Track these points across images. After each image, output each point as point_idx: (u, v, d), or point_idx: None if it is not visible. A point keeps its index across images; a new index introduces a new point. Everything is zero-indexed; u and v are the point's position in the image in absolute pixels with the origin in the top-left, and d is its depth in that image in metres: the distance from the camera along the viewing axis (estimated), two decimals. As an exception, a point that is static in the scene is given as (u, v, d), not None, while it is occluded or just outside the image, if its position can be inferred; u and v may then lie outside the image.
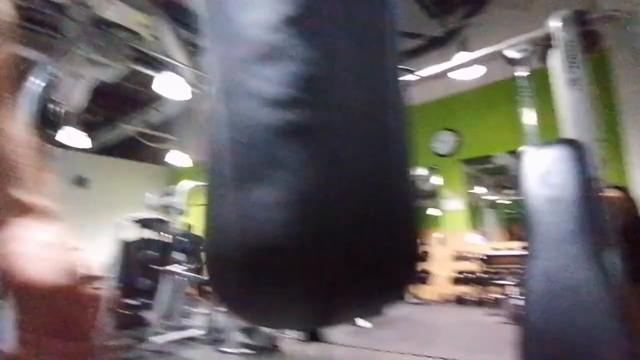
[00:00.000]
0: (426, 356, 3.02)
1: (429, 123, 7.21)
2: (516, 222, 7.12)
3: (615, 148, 4.77)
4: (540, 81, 2.26)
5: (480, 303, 5.60)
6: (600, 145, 2.08)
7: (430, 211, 7.92)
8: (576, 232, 1.28)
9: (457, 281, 6.11)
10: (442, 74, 3.56)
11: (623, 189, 2.47)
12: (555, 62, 2.21)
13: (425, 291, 6.56)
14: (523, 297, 1.25)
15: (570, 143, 1.35)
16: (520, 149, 1.49)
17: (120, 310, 3.86)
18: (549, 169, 1.37)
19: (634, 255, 2.02)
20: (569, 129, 2.12)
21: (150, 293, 3.95)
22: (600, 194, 1.92)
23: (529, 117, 3.37)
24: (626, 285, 1.89)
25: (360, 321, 4.35)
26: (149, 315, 3.68)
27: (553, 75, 2.20)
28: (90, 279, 0.27)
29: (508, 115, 5.35)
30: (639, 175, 4.62)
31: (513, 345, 1.38)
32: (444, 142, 7.00)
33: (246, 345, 3.34)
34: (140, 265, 4.26)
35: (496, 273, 5.70)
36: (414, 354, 3.09)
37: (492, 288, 5.64)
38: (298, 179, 0.45)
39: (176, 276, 3.90)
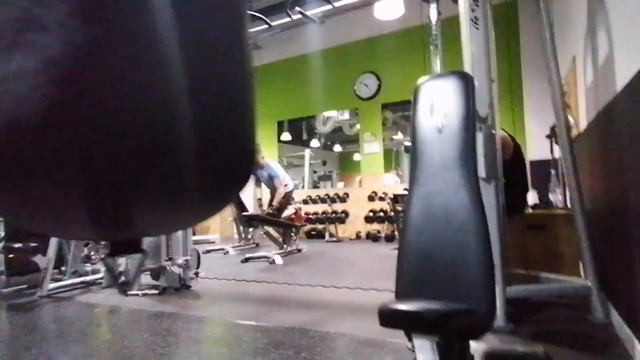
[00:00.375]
0: (334, 287, 3.21)
1: (351, 65, 7.16)
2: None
3: (515, 92, 5.23)
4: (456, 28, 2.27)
5: (389, 239, 6.09)
6: (493, 83, 2.20)
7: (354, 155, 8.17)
8: (456, 160, 1.32)
9: (371, 219, 6.51)
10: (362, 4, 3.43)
11: (507, 132, 2.71)
12: (461, 1, 2.23)
13: (341, 230, 6.93)
14: (403, 222, 1.29)
15: (459, 75, 1.36)
16: (416, 81, 1.47)
17: (11, 256, 3.47)
18: (436, 99, 1.38)
19: (511, 192, 2.27)
20: (466, 65, 2.19)
21: (43, 237, 3.59)
22: (483, 128, 2.05)
23: (438, 61, 3.49)
24: (502, 216, 2.12)
25: (274, 258, 4.47)
26: (42, 261, 3.35)
27: (460, 15, 2.23)
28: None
29: (426, 61, 5.50)
30: (532, 120, 5.16)
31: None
32: (366, 85, 7.05)
33: (151, 286, 3.23)
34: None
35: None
36: (322, 286, 3.26)
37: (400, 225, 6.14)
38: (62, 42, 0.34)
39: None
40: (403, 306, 0.97)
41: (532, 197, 3.47)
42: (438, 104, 1.38)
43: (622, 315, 1.84)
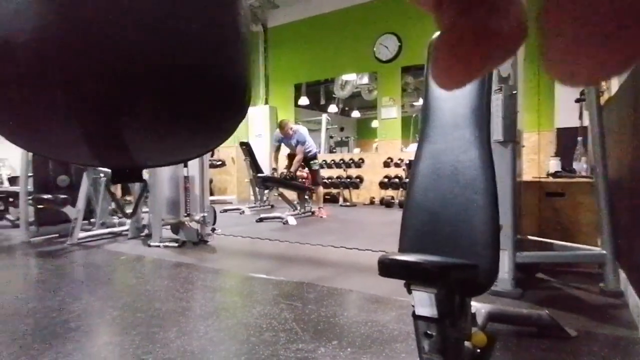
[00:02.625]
0: (344, 247, 3.27)
1: (371, 25, 6.88)
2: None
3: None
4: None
5: (402, 205, 6.07)
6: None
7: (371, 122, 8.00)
8: (468, 118, 1.28)
9: (385, 185, 6.49)
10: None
11: None
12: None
13: (355, 195, 6.96)
14: (410, 178, 1.28)
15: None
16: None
17: (41, 206, 3.67)
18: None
19: None
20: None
21: (71, 190, 3.77)
22: (504, 88, 1.96)
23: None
24: (514, 177, 2.07)
25: (288, 218, 4.55)
26: (72, 212, 3.53)
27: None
28: None
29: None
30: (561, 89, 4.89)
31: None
32: (386, 47, 6.79)
33: (172, 240, 3.37)
34: (59, 162, 3.97)
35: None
36: (333, 246, 3.33)
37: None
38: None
39: (97, 174, 3.69)
40: (403, 257, 0.97)
41: (554, 165, 3.37)
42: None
43: (632, 285, 1.81)
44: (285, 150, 5.32)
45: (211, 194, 3.90)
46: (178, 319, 1.75)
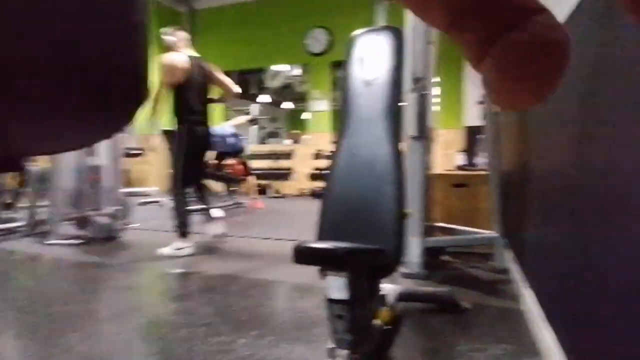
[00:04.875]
0: (272, 238, 3.29)
1: (303, 17, 6.90)
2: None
3: (456, 58, 5.41)
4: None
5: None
6: (432, 46, 2.26)
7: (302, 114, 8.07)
8: (381, 114, 1.37)
9: (315, 177, 6.63)
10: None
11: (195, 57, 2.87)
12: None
13: (285, 186, 7.00)
14: (329, 170, 1.33)
15: (390, 30, 1.38)
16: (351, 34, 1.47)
17: None
18: (367, 53, 1.39)
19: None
20: (407, 25, 2.22)
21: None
22: (418, 88, 2.13)
23: (383, 19, 3.49)
24: (425, 169, 2.26)
25: (213, 211, 4.43)
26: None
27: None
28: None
29: (377, 19, 5.44)
30: (472, 87, 5.42)
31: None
32: (317, 40, 6.87)
33: (75, 236, 3.08)
34: None
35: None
36: (260, 238, 3.33)
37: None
38: None
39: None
40: (315, 244, 1.03)
41: (460, 159, 3.73)
42: (369, 58, 1.40)
43: (516, 262, 2.11)
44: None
45: (128, 185, 3.63)
46: (82, 322, 1.63)
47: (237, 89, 3.05)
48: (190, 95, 2.72)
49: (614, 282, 0.83)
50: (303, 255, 1.00)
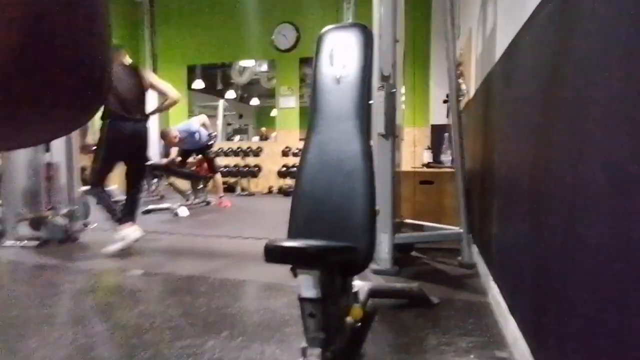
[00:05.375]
0: (240, 237, 3.23)
1: (271, 13, 6.81)
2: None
3: (421, 57, 5.54)
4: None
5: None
6: (398, 44, 2.29)
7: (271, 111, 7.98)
8: (351, 111, 1.36)
9: (284, 174, 6.58)
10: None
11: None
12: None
13: (253, 184, 6.90)
14: (299, 167, 1.32)
15: (359, 27, 1.38)
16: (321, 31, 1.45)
17: None
18: (336, 50, 1.39)
19: None
20: (374, 24, 2.24)
21: None
22: (385, 86, 2.15)
23: (350, 18, 3.50)
24: (394, 166, 2.29)
25: (179, 209, 4.30)
26: None
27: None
28: None
29: (343, 19, 5.45)
30: (436, 85, 5.55)
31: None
32: (284, 36, 6.80)
33: (31, 238, 2.89)
34: None
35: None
36: (229, 236, 3.26)
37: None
38: None
39: None
40: (286, 243, 1.01)
41: (427, 157, 3.82)
42: (338, 55, 1.39)
43: (482, 257, 2.19)
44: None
45: (86, 183, 3.43)
46: (40, 327, 1.52)
47: (175, 94, 2.99)
48: (111, 99, 2.65)
49: (571, 274, 0.87)
50: (274, 254, 0.98)
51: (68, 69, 0.42)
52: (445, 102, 3.60)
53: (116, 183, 6.85)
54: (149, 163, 4.68)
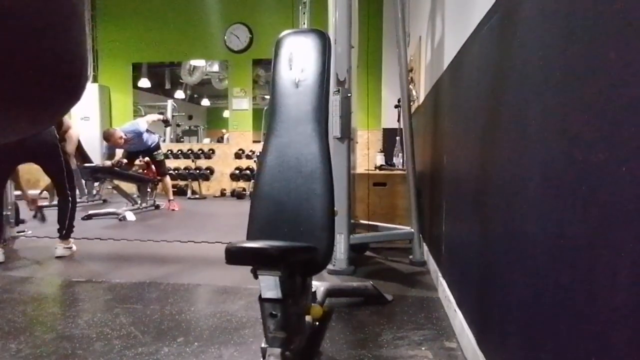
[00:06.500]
0: (192, 241, 3.13)
1: (223, 12, 6.68)
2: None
3: (373, 62, 5.72)
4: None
5: (255, 196, 6.16)
6: (353, 50, 2.36)
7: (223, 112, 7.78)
8: (309, 114, 1.39)
9: (237, 177, 6.46)
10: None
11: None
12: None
13: (205, 187, 6.70)
14: (257, 170, 1.31)
15: (317, 33, 1.41)
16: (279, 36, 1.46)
17: None
18: (295, 54, 1.41)
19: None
20: (330, 29, 2.29)
21: None
22: (341, 91, 2.21)
23: (306, 22, 3.54)
24: (349, 169, 2.35)
25: (125, 214, 4.07)
26: None
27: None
28: None
29: (296, 22, 5.48)
30: (388, 90, 5.76)
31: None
32: (237, 36, 6.70)
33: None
34: None
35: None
36: (180, 241, 3.14)
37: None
38: None
39: None
40: (248, 244, 1.01)
41: (380, 159, 3.95)
42: (297, 59, 1.41)
43: (431, 254, 2.32)
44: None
45: (17, 187, 3.14)
46: (-32, 346, 1.38)
47: (71, 147, 3.33)
48: None
49: (512, 270, 0.96)
50: (235, 256, 0.98)
51: (44, 67, 0.41)
52: (396, 106, 3.76)
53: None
54: (90, 165, 4.40)
